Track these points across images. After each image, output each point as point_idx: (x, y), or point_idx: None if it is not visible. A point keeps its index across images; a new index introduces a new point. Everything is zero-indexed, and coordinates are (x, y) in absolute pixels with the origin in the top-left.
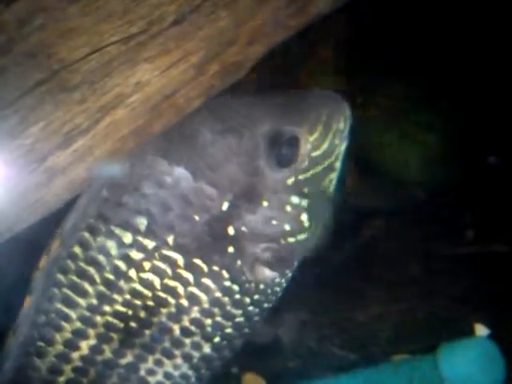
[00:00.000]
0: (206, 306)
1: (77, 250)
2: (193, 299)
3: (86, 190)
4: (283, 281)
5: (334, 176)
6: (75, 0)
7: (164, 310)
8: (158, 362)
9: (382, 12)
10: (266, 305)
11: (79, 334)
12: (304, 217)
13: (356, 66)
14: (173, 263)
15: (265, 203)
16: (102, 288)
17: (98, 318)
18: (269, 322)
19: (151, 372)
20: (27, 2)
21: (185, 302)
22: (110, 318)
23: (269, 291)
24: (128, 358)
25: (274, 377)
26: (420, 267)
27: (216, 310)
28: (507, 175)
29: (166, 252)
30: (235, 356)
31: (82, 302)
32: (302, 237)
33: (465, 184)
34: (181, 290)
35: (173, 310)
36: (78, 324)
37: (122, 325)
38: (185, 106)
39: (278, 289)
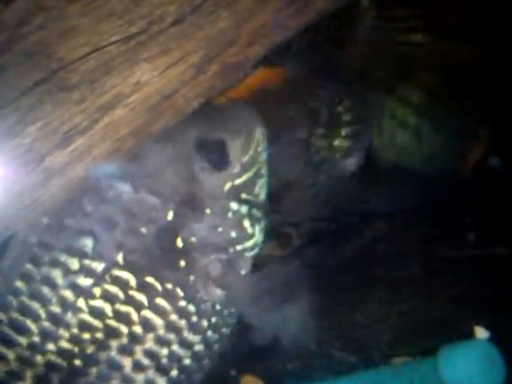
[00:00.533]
0: (161, 332)
1: (19, 284)
2: (147, 325)
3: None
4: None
5: (263, 182)
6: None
7: (114, 343)
8: None
9: None
10: (224, 330)
11: (15, 376)
12: (246, 223)
13: None
14: (124, 285)
15: (208, 210)
16: (46, 324)
17: (39, 358)
18: (268, 323)
19: None
20: (27, 1)
21: (138, 330)
22: (52, 357)
23: (225, 312)
24: None
25: (272, 379)
26: (421, 269)
27: (172, 337)
28: (509, 177)
29: (116, 273)
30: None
31: (22, 340)
32: (248, 244)
33: (466, 185)
34: (134, 315)
35: (124, 340)
36: (15, 365)
37: (65, 364)
38: (184, 106)
39: (233, 310)
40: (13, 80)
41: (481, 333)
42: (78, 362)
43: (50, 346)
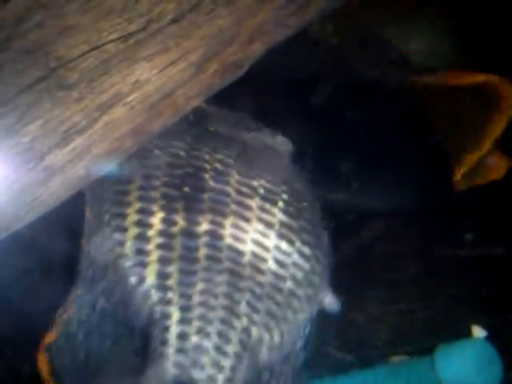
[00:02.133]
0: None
1: None
2: None
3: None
4: None
5: None
6: None
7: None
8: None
9: None
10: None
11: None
12: None
13: None
14: None
15: None
16: None
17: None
18: None
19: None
20: None
21: None
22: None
23: None
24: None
25: None
26: (419, 268)
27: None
28: (508, 177)
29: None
30: None
31: None
32: None
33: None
34: None
35: None
36: None
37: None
38: (184, 104)
39: None
40: (11, 78)
41: (478, 332)
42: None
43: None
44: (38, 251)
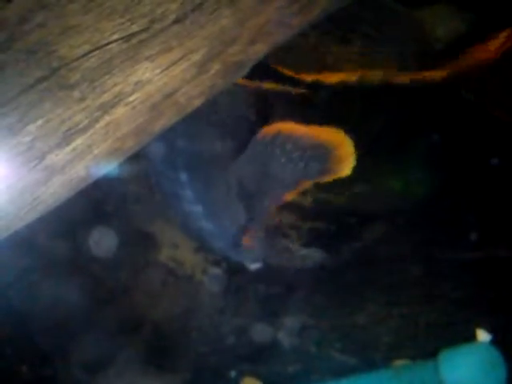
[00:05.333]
0: None
1: None
2: None
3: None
4: None
5: None
6: None
7: None
8: None
9: None
10: None
11: None
12: None
13: None
14: None
15: None
16: None
17: None
18: (269, 325)
19: None
20: None
21: None
22: None
23: None
24: None
25: (273, 381)
26: (421, 271)
27: None
28: (510, 178)
29: None
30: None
31: None
32: None
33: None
34: None
35: None
36: None
37: None
38: (186, 104)
39: None
40: (13, 78)
41: (483, 336)
42: None
43: None
44: (38, 251)
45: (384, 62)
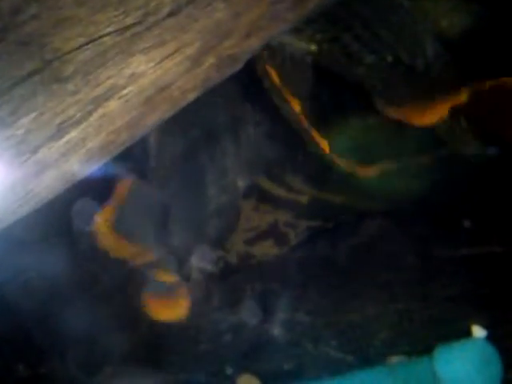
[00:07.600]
0: None
1: None
2: None
3: None
4: None
5: None
6: None
7: None
8: None
9: None
10: None
11: None
12: None
13: None
14: None
15: None
16: None
17: None
18: (265, 322)
19: None
20: None
21: None
22: None
23: None
24: None
25: (269, 378)
26: (417, 268)
27: None
28: (505, 174)
29: None
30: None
31: None
32: None
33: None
34: None
35: None
36: None
37: None
38: (180, 98)
39: None
40: (6, 70)
41: (478, 331)
42: None
43: None
44: (35, 248)
45: None
